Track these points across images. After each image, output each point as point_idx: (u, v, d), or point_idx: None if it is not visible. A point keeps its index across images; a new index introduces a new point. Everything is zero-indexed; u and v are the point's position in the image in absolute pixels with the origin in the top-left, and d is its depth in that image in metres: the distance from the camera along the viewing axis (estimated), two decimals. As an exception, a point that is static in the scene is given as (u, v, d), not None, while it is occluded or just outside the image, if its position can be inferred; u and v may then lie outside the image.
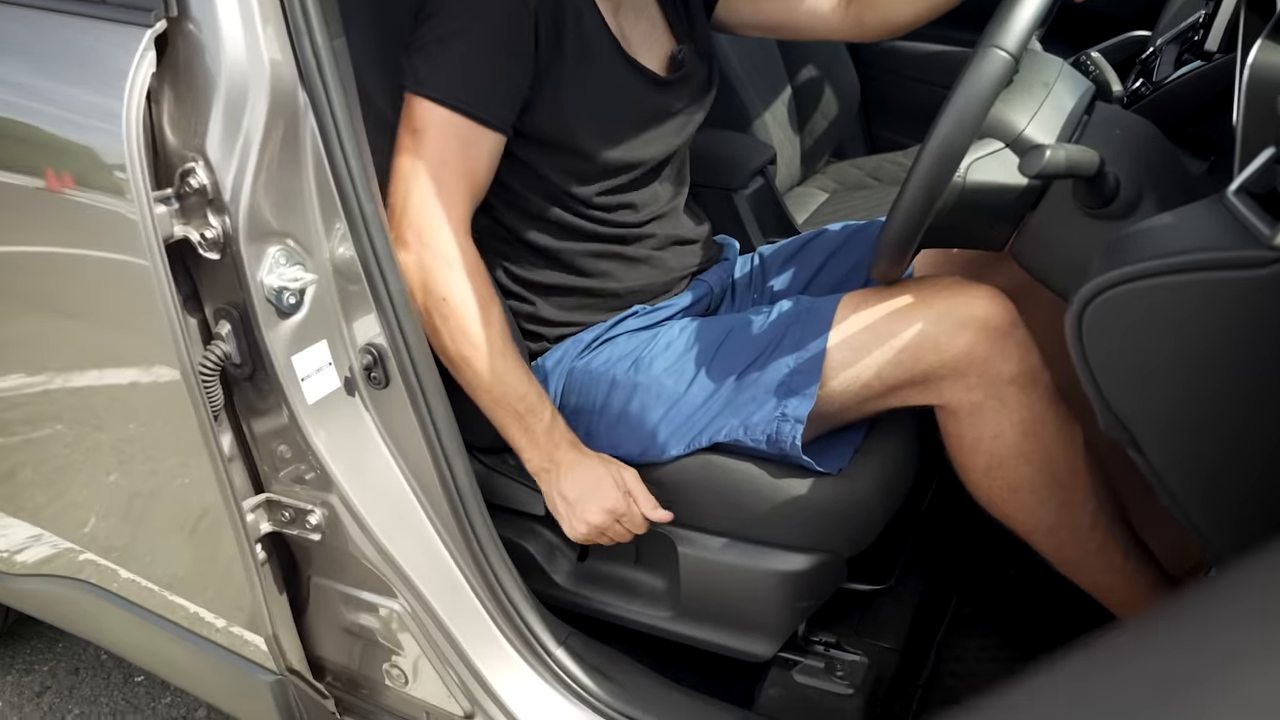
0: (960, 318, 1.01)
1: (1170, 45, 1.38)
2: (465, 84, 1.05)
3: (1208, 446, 0.73)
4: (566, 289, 1.22)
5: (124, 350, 1.09)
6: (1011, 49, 0.88)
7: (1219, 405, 0.71)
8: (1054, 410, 1.05)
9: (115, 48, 0.91)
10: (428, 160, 1.05)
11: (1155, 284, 0.70)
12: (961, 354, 1.01)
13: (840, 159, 2.28)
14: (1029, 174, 0.87)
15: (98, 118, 0.94)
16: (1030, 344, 1.03)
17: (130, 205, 0.91)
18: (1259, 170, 0.71)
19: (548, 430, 1.10)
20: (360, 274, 0.99)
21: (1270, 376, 0.67)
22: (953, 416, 1.06)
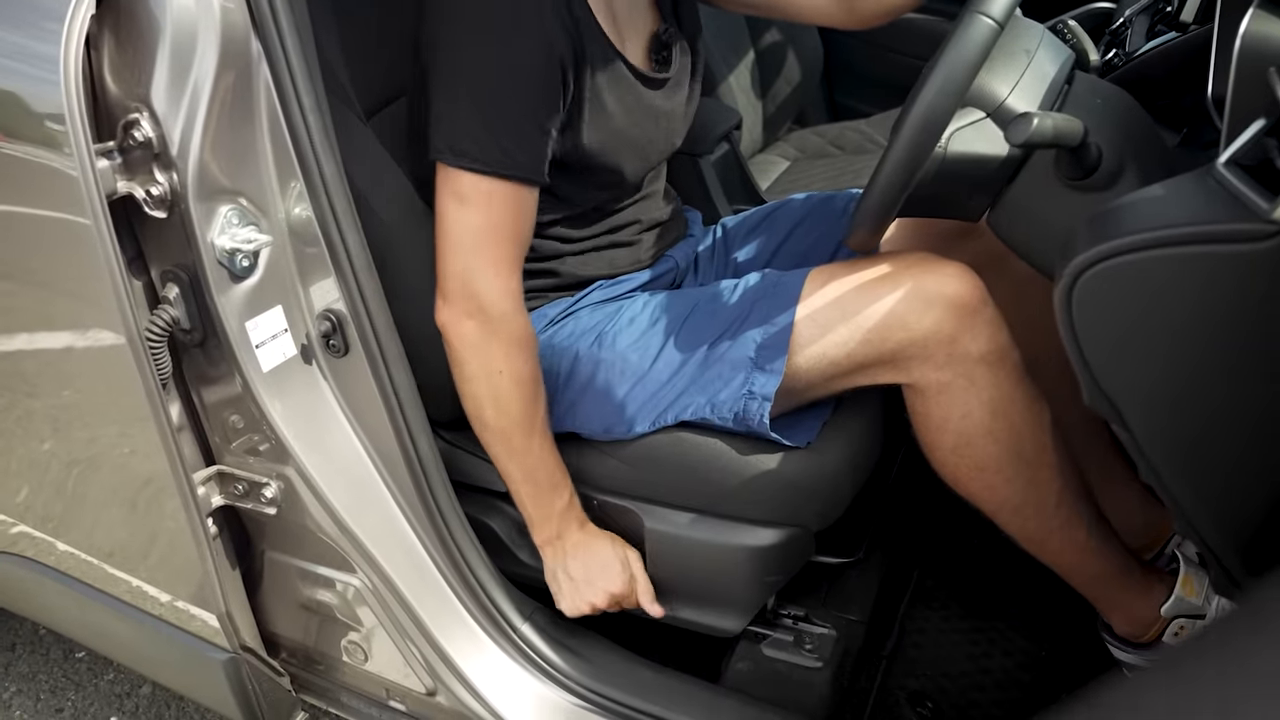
0: (929, 295, 1.00)
1: (1140, 16, 1.38)
2: (509, 149, 1.00)
3: (1192, 421, 0.72)
4: (535, 273, 1.18)
5: (62, 314, 1.03)
6: (998, 16, 0.86)
7: (1206, 379, 0.70)
8: (1022, 389, 1.04)
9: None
10: (481, 227, 1.01)
11: (1148, 257, 0.69)
12: (930, 332, 1.00)
13: (802, 126, 2.26)
14: (1016, 142, 0.85)
15: (32, 63, 0.87)
16: (999, 322, 1.02)
17: (69, 159, 0.85)
18: (1249, 142, 0.70)
19: (565, 508, 1.10)
20: (318, 236, 0.94)
21: (1261, 351, 0.67)
22: (920, 395, 1.05)
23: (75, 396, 1.09)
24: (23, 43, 0.89)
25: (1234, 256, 0.65)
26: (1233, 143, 0.72)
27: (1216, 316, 0.68)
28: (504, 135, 0.99)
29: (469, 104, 0.99)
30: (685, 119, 1.24)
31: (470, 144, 0.99)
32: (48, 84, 0.84)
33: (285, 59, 0.88)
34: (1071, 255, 0.72)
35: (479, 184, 1.00)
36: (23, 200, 0.96)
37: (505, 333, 1.03)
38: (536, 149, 1.02)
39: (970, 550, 1.41)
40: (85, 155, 0.83)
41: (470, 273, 1.02)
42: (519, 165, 1.01)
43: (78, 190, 0.85)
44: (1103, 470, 1.25)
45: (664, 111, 1.18)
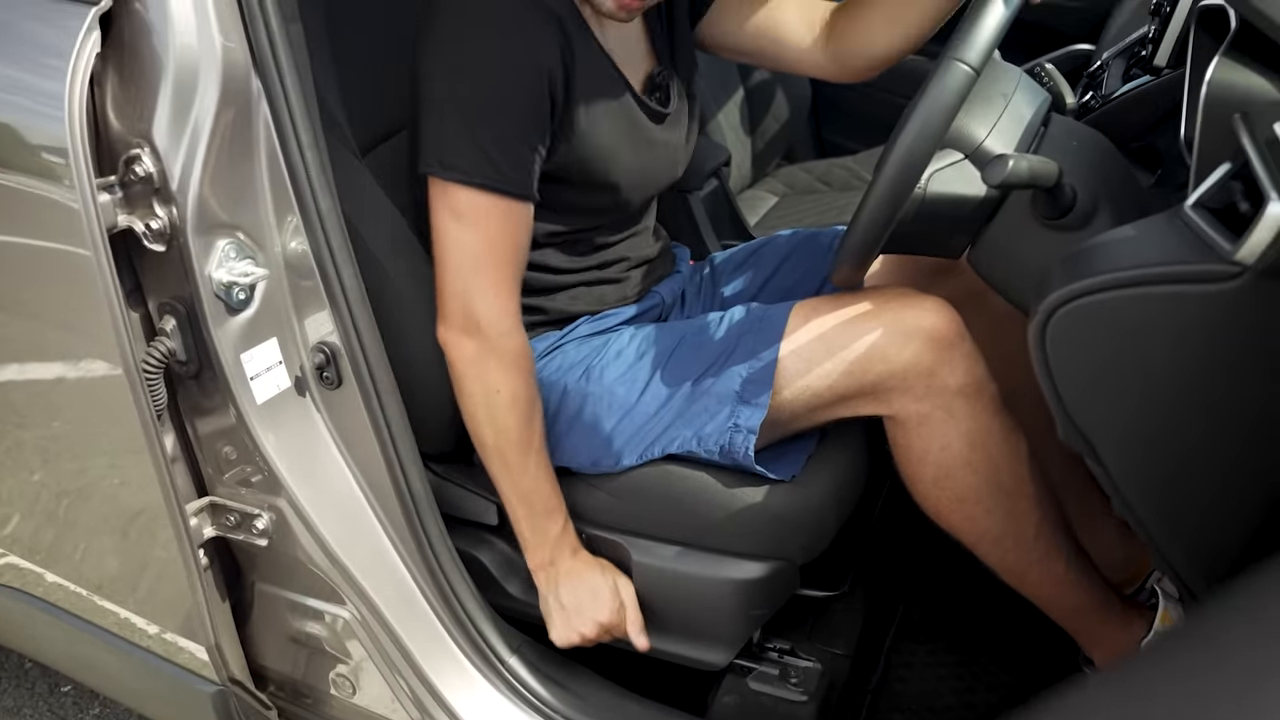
0: (907, 329, 1.02)
1: (1117, 60, 1.42)
2: (499, 164, 1.01)
3: (1165, 457, 0.74)
4: (525, 308, 1.19)
5: (56, 344, 1.04)
6: (974, 63, 0.89)
7: (1178, 416, 0.72)
8: (999, 421, 1.06)
9: (56, 27, 0.87)
10: (478, 245, 1.03)
11: (1119, 296, 0.71)
12: (909, 364, 1.02)
13: (790, 162, 2.30)
14: (992, 183, 0.88)
15: (37, 100, 0.89)
16: (976, 355, 1.05)
17: (71, 193, 0.87)
18: (1215, 186, 0.73)
19: (560, 534, 1.11)
20: (314, 269, 0.96)
21: (1229, 388, 0.69)
22: (901, 427, 1.07)
23: (66, 427, 1.10)
24: (26, 78, 0.91)
25: (1201, 296, 0.67)
26: (1200, 186, 0.74)
27: (1187, 354, 0.70)
28: (492, 150, 1.01)
29: (457, 120, 1.01)
30: (686, 152, 1.26)
31: (459, 159, 1.01)
32: (51, 119, 0.86)
33: (285, 97, 0.90)
34: (1046, 293, 0.74)
35: (474, 199, 1.02)
36: (21, 231, 0.98)
37: (503, 352, 1.05)
38: (525, 165, 1.04)
39: (955, 584, 1.42)
40: (87, 190, 0.85)
41: (470, 293, 1.03)
42: (509, 180, 1.02)
43: (78, 223, 0.87)
44: (1081, 504, 1.26)
45: (663, 142, 1.20)
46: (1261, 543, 0.70)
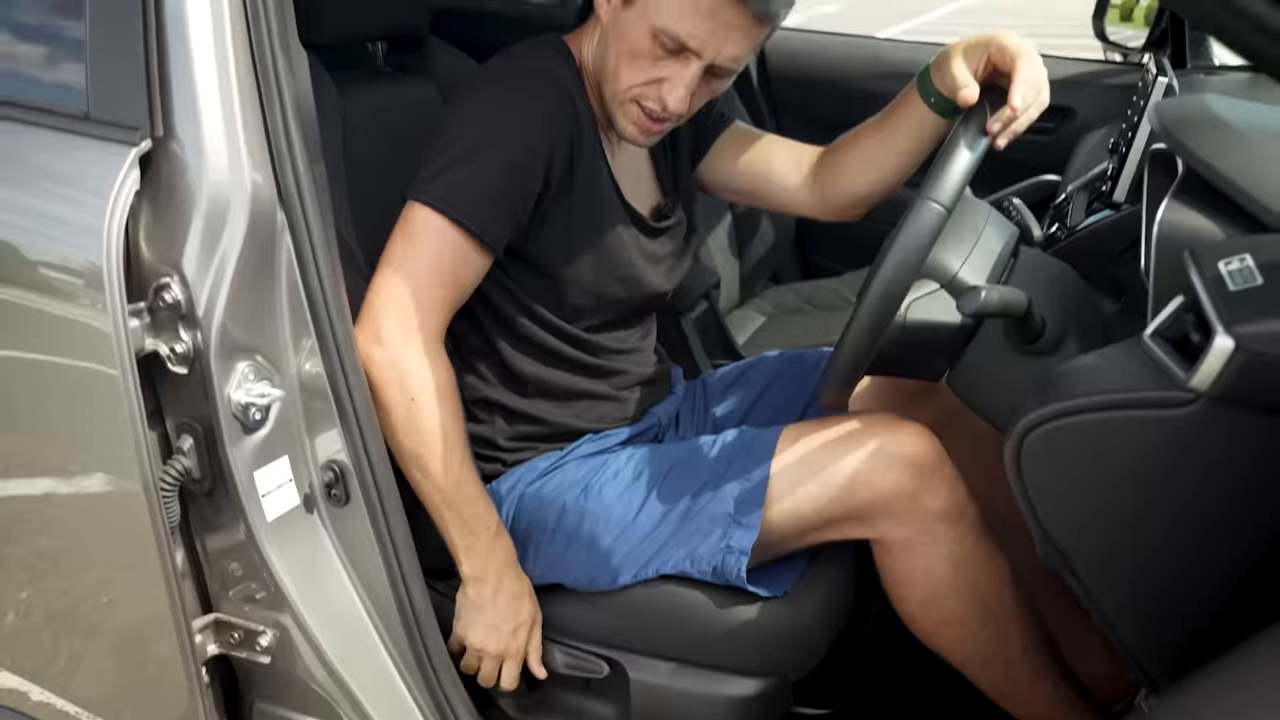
0: (889, 456, 1.07)
1: (1080, 193, 1.52)
2: (468, 201, 1.07)
3: (1139, 573, 0.78)
4: (530, 417, 1.24)
5: (68, 460, 1.07)
6: (946, 203, 0.97)
7: (1148, 534, 0.76)
8: (982, 544, 1.10)
9: (98, 165, 0.93)
10: (419, 265, 1.07)
11: (1086, 420, 0.76)
12: (892, 490, 1.07)
13: (777, 283, 2.39)
14: (966, 313, 0.94)
15: (75, 232, 0.95)
16: (957, 480, 1.10)
17: (100, 317, 0.92)
18: (1170, 318, 0.79)
19: (492, 540, 1.12)
20: (326, 390, 1.01)
21: (1191, 507, 0.73)
22: (887, 550, 1.11)
23: (69, 542, 1.12)
24: (66, 212, 0.98)
25: (1160, 420, 0.73)
26: (1156, 318, 0.81)
27: (1152, 474, 0.75)
28: (466, 189, 1.07)
29: (447, 159, 1.08)
30: (680, 268, 1.32)
31: (435, 186, 1.07)
32: (88, 249, 0.92)
33: (307, 230, 0.97)
34: (1019, 417, 0.80)
35: (432, 221, 1.07)
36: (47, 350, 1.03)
37: (421, 361, 1.07)
38: (494, 216, 1.09)
39: (945, 704, 1.42)
40: (120, 316, 0.90)
41: (397, 302, 1.06)
42: (471, 218, 1.07)
43: (106, 346, 0.92)
44: (1066, 621, 1.29)
45: (653, 254, 1.26)
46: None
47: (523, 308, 1.20)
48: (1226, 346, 0.69)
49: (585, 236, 1.17)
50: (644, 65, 1.07)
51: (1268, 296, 0.71)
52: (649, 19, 1.04)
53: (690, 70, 1.06)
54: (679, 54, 1.06)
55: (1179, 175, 0.95)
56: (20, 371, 1.06)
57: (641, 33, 1.06)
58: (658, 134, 1.14)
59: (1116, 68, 2.14)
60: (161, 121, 0.93)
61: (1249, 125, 0.97)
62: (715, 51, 1.05)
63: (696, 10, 1.02)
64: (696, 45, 1.04)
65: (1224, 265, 0.76)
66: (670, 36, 1.04)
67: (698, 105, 1.14)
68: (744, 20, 1.03)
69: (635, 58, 1.07)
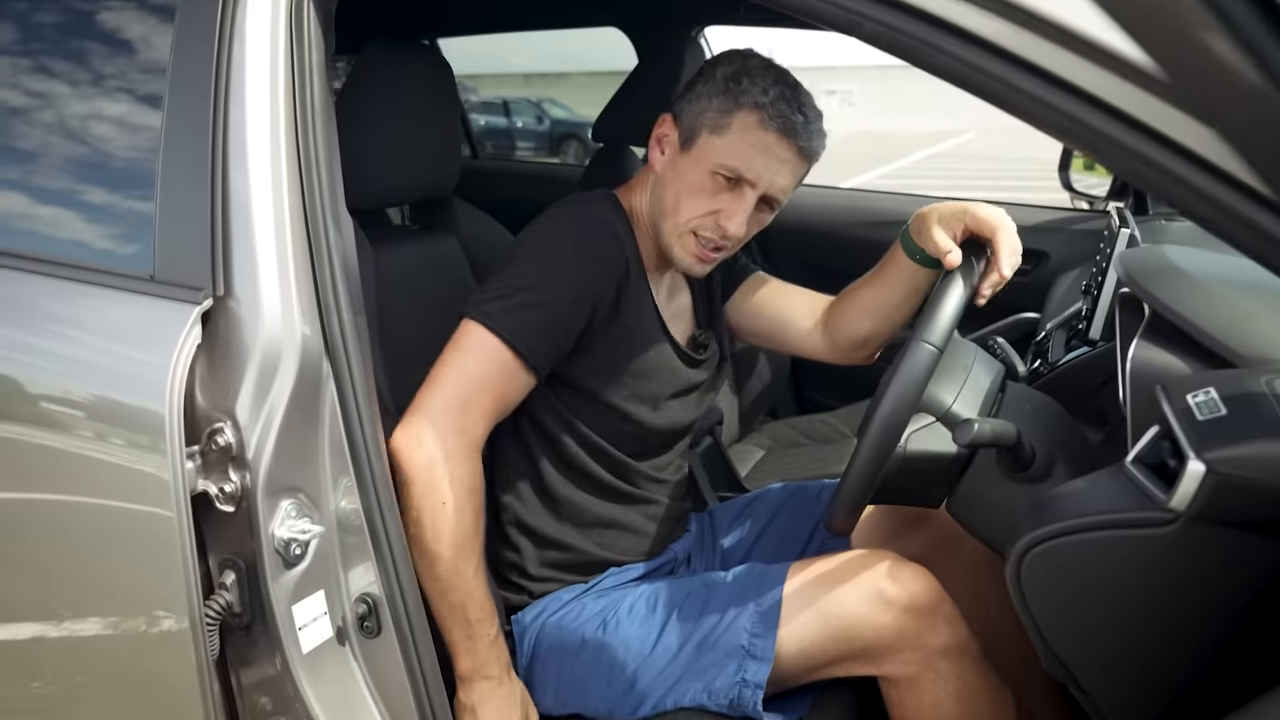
0: (890, 599, 1.14)
1: (1059, 331, 1.63)
2: (519, 325, 1.17)
3: (1137, 680, 0.83)
4: (559, 544, 1.30)
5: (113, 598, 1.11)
6: (937, 343, 1.06)
7: (1144, 643, 0.82)
8: (985, 678, 1.15)
9: (163, 321, 1.02)
10: (469, 376, 1.16)
11: (1077, 539, 0.83)
12: (895, 632, 1.13)
13: (774, 419, 2.47)
14: (962, 444, 1.02)
15: (138, 382, 1.03)
16: (958, 617, 1.15)
17: (156, 460, 0.99)
18: (1148, 445, 0.87)
19: (490, 644, 1.16)
20: (362, 526, 1.07)
21: (1182, 617, 0.79)
22: (894, 686, 1.16)
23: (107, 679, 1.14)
24: (136, 369, 1.05)
25: (1146, 538, 0.79)
26: (1135, 445, 0.89)
27: (1141, 588, 0.81)
28: (519, 314, 1.17)
29: (504, 287, 1.18)
30: (708, 396, 1.43)
31: (495, 310, 1.17)
32: (149, 399, 1.00)
33: (350, 377, 1.05)
34: (1017, 538, 0.86)
35: (485, 339, 1.16)
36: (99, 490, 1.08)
37: (459, 462, 1.13)
38: (542, 341, 1.18)
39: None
40: (178, 460, 0.97)
41: (444, 407, 1.13)
42: (525, 343, 1.16)
43: (160, 487, 0.98)
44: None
45: (689, 382, 1.36)
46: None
47: (567, 425, 1.28)
48: (1199, 471, 0.76)
49: (629, 361, 1.27)
50: (704, 199, 1.22)
51: (1232, 425, 0.79)
52: (710, 159, 1.21)
53: (746, 200, 1.22)
54: (736, 187, 1.21)
55: (1146, 318, 1.06)
56: (75, 510, 1.11)
57: (702, 171, 1.22)
58: (712, 263, 1.27)
59: (1084, 214, 2.30)
60: (223, 282, 1.02)
61: (1204, 273, 1.08)
62: (769, 183, 1.21)
63: (754, 147, 1.19)
64: (753, 177, 1.20)
65: (1192, 398, 0.85)
66: (729, 170, 1.20)
67: (751, 234, 1.27)
68: (792, 155, 1.21)
69: (696, 193, 1.23)
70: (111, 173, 1.12)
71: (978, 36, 0.71)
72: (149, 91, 1.08)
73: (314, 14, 1.05)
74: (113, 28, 1.13)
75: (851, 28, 0.79)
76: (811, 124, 1.21)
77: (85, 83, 1.14)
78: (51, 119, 1.17)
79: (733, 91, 1.20)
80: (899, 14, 0.75)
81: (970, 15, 0.71)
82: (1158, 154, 0.64)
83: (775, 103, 1.18)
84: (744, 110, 1.19)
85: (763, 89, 1.19)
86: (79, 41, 1.15)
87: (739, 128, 1.19)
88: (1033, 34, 0.68)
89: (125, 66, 1.12)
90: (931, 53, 0.75)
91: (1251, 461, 0.75)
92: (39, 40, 1.18)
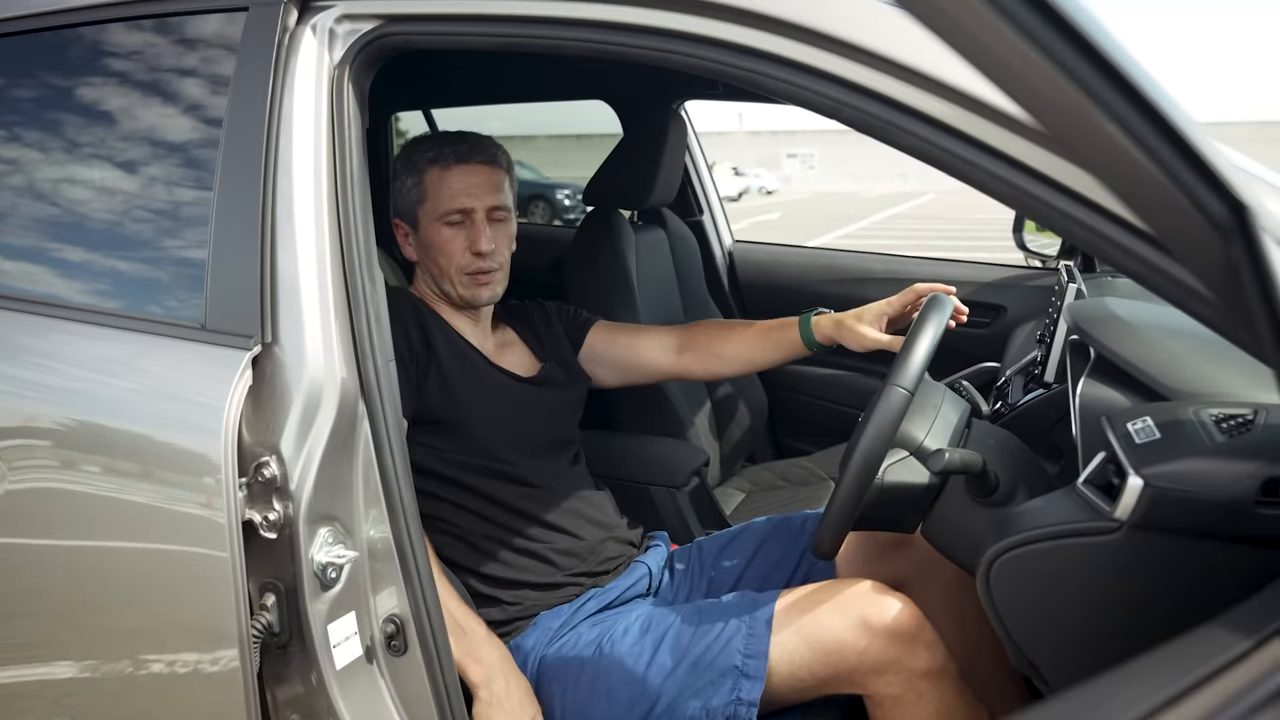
0: (873, 626, 1.24)
1: (1017, 376, 1.77)
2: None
3: (1097, 674, 0.94)
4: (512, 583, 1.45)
5: (164, 629, 1.19)
6: (909, 387, 1.19)
7: (1101, 640, 0.94)
8: (962, 698, 1.26)
9: (216, 367, 1.12)
10: None
11: (1036, 548, 0.95)
12: (877, 656, 1.23)
13: (753, 463, 2.59)
14: (934, 470, 1.15)
15: (193, 423, 1.12)
16: (937, 642, 1.26)
17: (209, 493, 1.08)
18: (1096, 468, 1.00)
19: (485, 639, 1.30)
20: (390, 551, 1.16)
21: (1132, 615, 0.91)
22: (879, 705, 1.27)
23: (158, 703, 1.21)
24: (189, 413, 1.15)
25: (1095, 545, 0.92)
26: (1085, 469, 1.02)
27: (1093, 589, 0.93)
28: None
29: None
30: (556, 413, 1.62)
31: None
32: (203, 436, 1.10)
33: (383, 416, 1.16)
34: (984, 550, 0.99)
35: None
36: (153, 523, 1.17)
37: None
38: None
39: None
40: (232, 493, 1.06)
41: None
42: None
43: (213, 518, 1.07)
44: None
45: (528, 401, 1.57)
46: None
47: (448, 461, 1.46)
48: (1138, 485, 0.89)
49: (464, 390, 1.48)
50: (452, 244, 1.53)
51: (1166, 447, 0.93)
52: (433, 217, 1.52)
53: (478, 223, 1.52)
54: (464, 220, 1.52)
55: (1091, 360, 1.20)
56: (131, 539, 1.19)
57: (435, 230, 1.53)
58: (488, 283, 1.55)
59: (1037, 272, 2.48)
60: (270, 330, 1.13)
61: (1141, 321, 1.22)
62: (482, 201, 1.52)
63: (452, 187, 1.52)
64: (469, 205, 1.52)
65: (1131, 425, 0.98)
66: (450, 213, 1.52)
67: (502, 249, 1.55)
68: (481, 172, 1.53)
69: (444, 246, 1.53)
70: (168, 232, 1.23)
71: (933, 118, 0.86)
72: (204, 159, 1.20)
73: (352, 93, 1.18)
74: (171, 100, 1.25)
75: (832, 113, 0.94)
76: (476, 143, 1.54)
77: (146, 151, 1.26)
78: (114, 184, 1.28)
79: (410, 166, 1.54)
80: (873, 101, 0.90)
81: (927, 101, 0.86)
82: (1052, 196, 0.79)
83: (440, 148, 1.52)
84: (425, 170, 1.52)
85: (425, 148, 1.53)
86: (141, 113, 1.27)
87: (432, 183, 1.52)
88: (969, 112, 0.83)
89: (183, 136, 1.24)
90: (900, 133, 0.89)
91: (1181, 476, 0.87)
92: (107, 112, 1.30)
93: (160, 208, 1.24)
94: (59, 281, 1.29)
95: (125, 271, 1.26)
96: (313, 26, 1.18)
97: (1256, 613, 0.66)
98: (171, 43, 1.25)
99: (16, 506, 1.23)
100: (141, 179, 1.26)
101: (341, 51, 1.18)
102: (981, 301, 2.39)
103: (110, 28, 1.28)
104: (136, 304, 1.23)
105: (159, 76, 1.25)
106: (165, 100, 1.25)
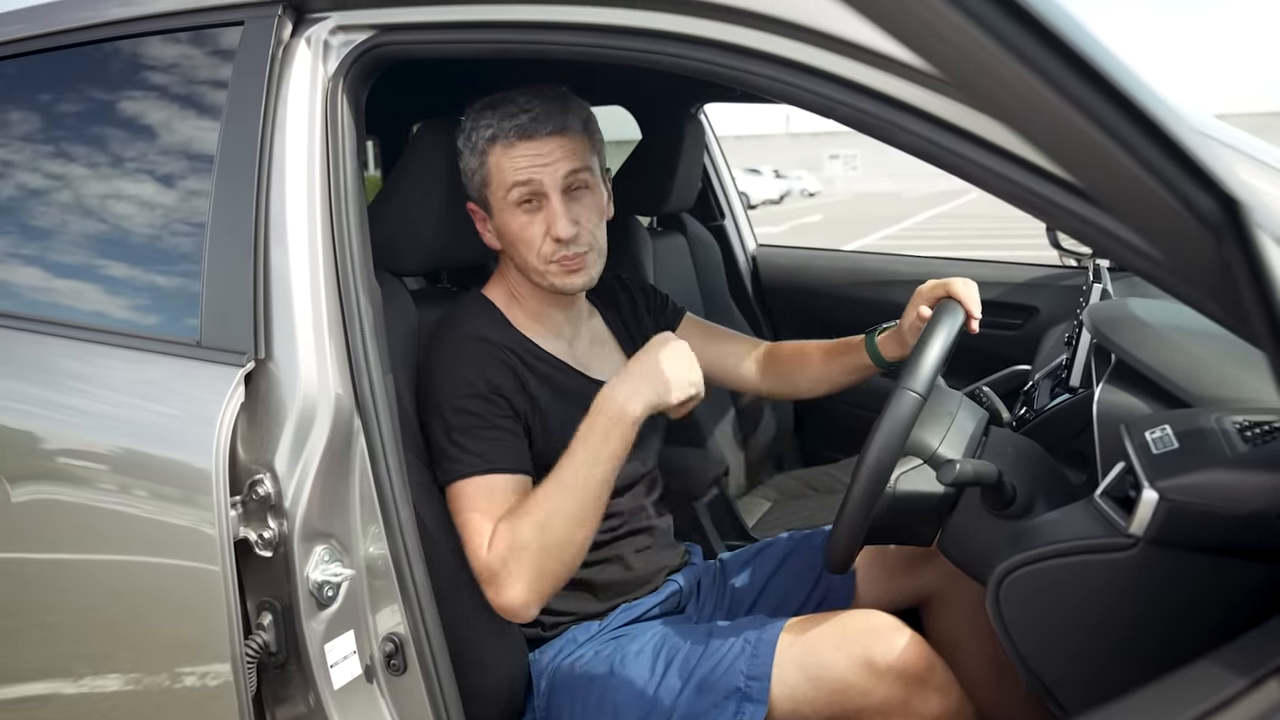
0: (880, 668, 1.18)
1: (1045, 380, 1.71)
2: (474, 457, 1.25)
3: (1111, 695, 0.89)
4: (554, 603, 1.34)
5: (156, 643, 1.19)
6: (921, 390, 1.14)
7: (1114, 659, 0.89)
8: None
9: (210, 383, 1.11)
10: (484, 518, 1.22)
11: (1048, 565, 0.91)
12: (884, 698, 1.17)
13: (780, 470, 2.54)
14: (945, 482, 1.10)
15: (186, 439, 1.12)
16: (950, 684, 1.20)
17: (202, 510, 1.07)
18: (1114, 480, 0.95)
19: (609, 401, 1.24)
20: (389, 569, 1.14)
21: (1146, 634, 0.86)
22: None
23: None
24: (183, 428, 1.14)
25: (1109, 562, 0.87)
26: (1104, 480, 0.96)
27: (1107, 608, 0.88)
28: (469, 449, 1.24)
29: (444, 447, 1.26)
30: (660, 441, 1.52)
31: (450, 467, 1.25)
32: (195, 453, 1.09)
33: (379, 431, 1.14)
34: (995, 566, 0.94)
35: (471, 488, 1.23)
36: (147, 539, 1.17)
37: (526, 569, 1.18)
38: (501, 446, 1.26)
39: None
40: (224, 510, 1.05)
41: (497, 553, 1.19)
42: (488, 462, 1.24)
43: (205, 536, 1.06)
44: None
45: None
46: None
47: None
48: (1153, 499, 0.84)
49: (563, 422, 1.32)
50: (529, 230, 1.32)
51: (1184, 457, 0.87)
52: (505, 201, 1.32)
53: (552, 203, 1.31)
54: (536, 200, 1.31)
55: (1111, 364, 1.14)
56: (122, 557, 1.20)
57: (511, 214, 1.33)
58: (581, 269, 1.36)
59: (1072, 271, 2.40)
60: (264, 346, 1.12)
61: (1163, 322, 1.16)
62: (554, 177, 1.30)
63: (517, 164, 1.30)
64: (537, 184, 1.30)
65: (1149, 434, 0.93)
66: (519, 194, 1.31)
67: (588, 227, 1.35)
68: (549, 144, 1.30)
69: (521, 232, 1.33)
70: (163, 247, 1.23)
71: (932, 115, 0.82)
72: (198, 177, 1.19)
73: (346, 105, 1.17)
74: (166, 115, 1.25)
75: (827, 111, 0.90)
76: (542, 111, 1.30)
77: (141, 165, 1.26)
78: (108, 199, 1.28)
79: (470, 146, 1.34)
80: (865, 98, 0.86)
81: (919, 94, 0.82)
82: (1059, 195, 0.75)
83: (500, 123, 1.30)
84: (488, 150, 1.32)
85: (486, 125, 1.31)
86: (136, 128, 1.28)
87: (496, 164, 1.31)
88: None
89: (177, 150, 1.24)
90: (896, 131, 0.85)
91: (1199, 489, 0.82)
92: (101, 127, 1.31)
93: (155, 222, 1.24)
94: (54, 298, 1.30)
95: (121, 288, 1.26)
96: (307, 39, 1.17)
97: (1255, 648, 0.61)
98: (166, 57, 1.26)
99: (11, 522, 1.23)
100: (136, 194, 1.26)
101: (336, 63, 1.17)
102: (1013, 303, 2.32)
103: (104, 43, 1.28)
104: (132, 320, 1.23)
105: (153, 91, 1.26)
106: (160, 115, 1.25)
